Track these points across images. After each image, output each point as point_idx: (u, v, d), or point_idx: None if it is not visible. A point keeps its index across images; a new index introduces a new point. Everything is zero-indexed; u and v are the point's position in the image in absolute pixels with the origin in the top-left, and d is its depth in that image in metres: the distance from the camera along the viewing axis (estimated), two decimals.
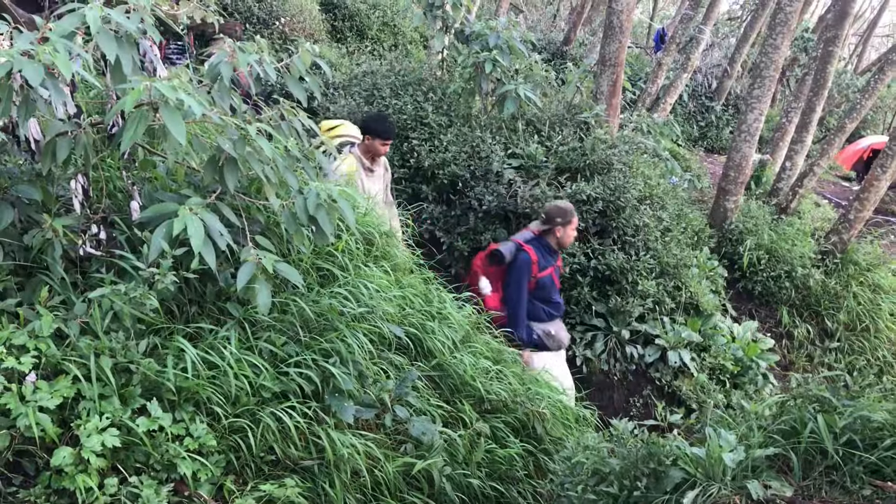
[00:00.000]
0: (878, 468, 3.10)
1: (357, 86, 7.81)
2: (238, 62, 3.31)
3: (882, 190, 8.21)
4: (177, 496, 2.87)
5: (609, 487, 3.34)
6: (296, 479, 3.17)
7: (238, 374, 3.17)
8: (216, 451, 3.04)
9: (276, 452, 3.22)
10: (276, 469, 3.26)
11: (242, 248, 3.26)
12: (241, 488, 3.09)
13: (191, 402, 3.07)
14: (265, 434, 3.18)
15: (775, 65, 8.07)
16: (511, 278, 5.44)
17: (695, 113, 16.47)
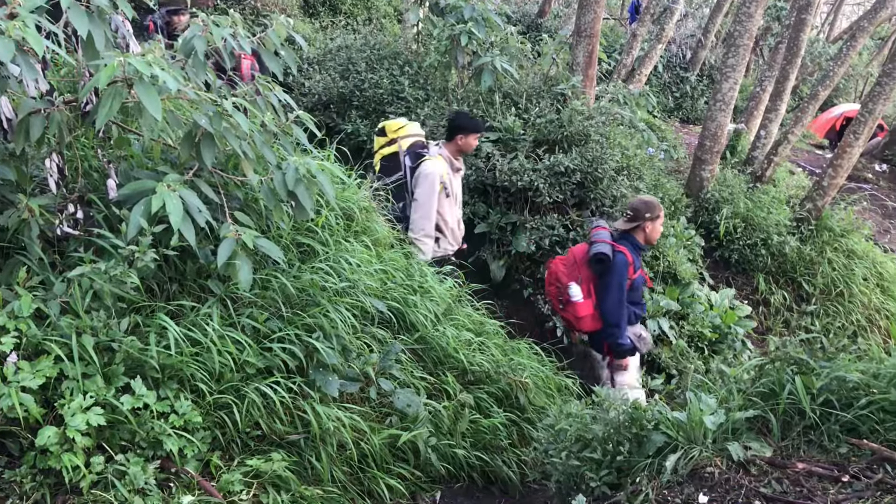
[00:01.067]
0: (854, 426, 3.17)
1: (332, 61, 7.74)
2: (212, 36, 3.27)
3: (855, 157, 8.30)
4: (163, 473, 2.88)
5: (592, 453, 3.38)
6: (282, 454, 3.20)
7: (221, 350, 3.17)
8: (202, 428, 3.05)
9: (262, 427, 3.24)
10: (263, 444, 3.27)
11: (221, 224, 3.25)
12: (228, 464, 3.11)
13: (175, 379, 3.07)
14: (250, 409, 3.19)
15: (749, 33, 8.09)
16: (611, 281, 4.92)
17: (670, 84, 16.50)
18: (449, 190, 5.44)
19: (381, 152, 5.59)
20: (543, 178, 6.28)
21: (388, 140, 5.55)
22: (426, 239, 5.26)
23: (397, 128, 5.57)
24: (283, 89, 3.67)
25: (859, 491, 2.81)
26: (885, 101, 7.90)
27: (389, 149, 5.54)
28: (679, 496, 2.96)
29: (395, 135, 5.52)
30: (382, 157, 5.58)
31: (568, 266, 5.15)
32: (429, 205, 5.26)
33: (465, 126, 5.44)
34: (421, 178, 5.27)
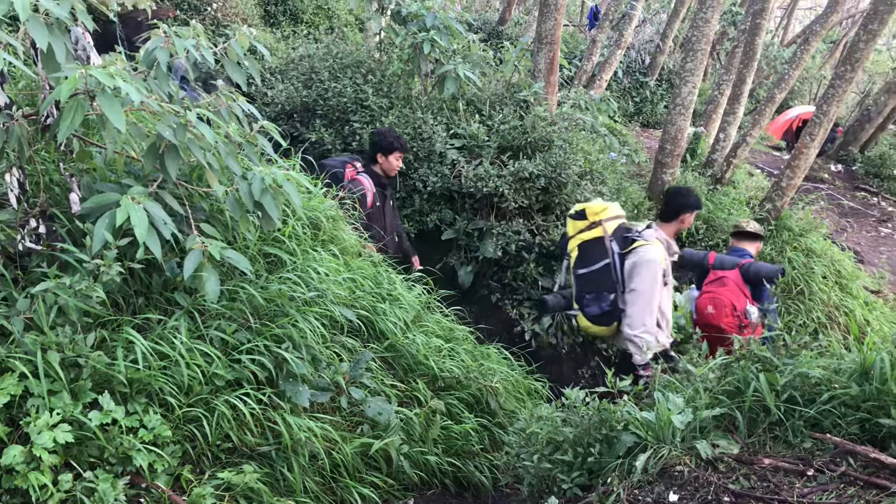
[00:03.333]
0: (818, 421, 3.24)
1: (294, 70, 7.70)
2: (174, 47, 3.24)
3: (811, 158, 8.48)
4: (133, 489, 2.84)
5: (564, 455, 3.41)
6: (254, 466, 3.18)
7: (190, 363, 3.14)
8: (171, 442, 3.02)
9: (233, 440, 3.21)
10: (234, 456, 3.25)
11: (187, 236, 3.22)
12: (199, 477, 3.08)
13: (143, 393, 3.03)
14: (220, 422, 3.17)
15: (706, 38, 8.24)
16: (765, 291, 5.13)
17: (629, 89, 16.72)
18: (667, 278, 4.85)
19: (581, 237, 4.86)
20: (508, 184, 6.32)
21: (588, 224, 4.85)
22: (647, 336, 4.62)
23: (600, 209, 4.89)
24: (246, 99, 3.66)
25: (824, 484, 2.87)
26: (838, 102, 8.09)
27: (591, 233, 4.83)
28: (650, 495, 3.00)
29: (597, 217, 4.84)
30: (582, 243, 4.85)
31: (734, 292, 5.12)
32: (650, 295, 4.63)
33: (692, 203, 4.99)
34: (641, 266, 4.64)
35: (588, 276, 4.77)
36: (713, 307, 5.16)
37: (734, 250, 5.58)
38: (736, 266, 5.25)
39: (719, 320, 5.12)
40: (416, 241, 6.70)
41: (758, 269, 5.12)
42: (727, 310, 5.07)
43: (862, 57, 7.91)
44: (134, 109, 3.29)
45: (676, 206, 4.93)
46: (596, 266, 4.78)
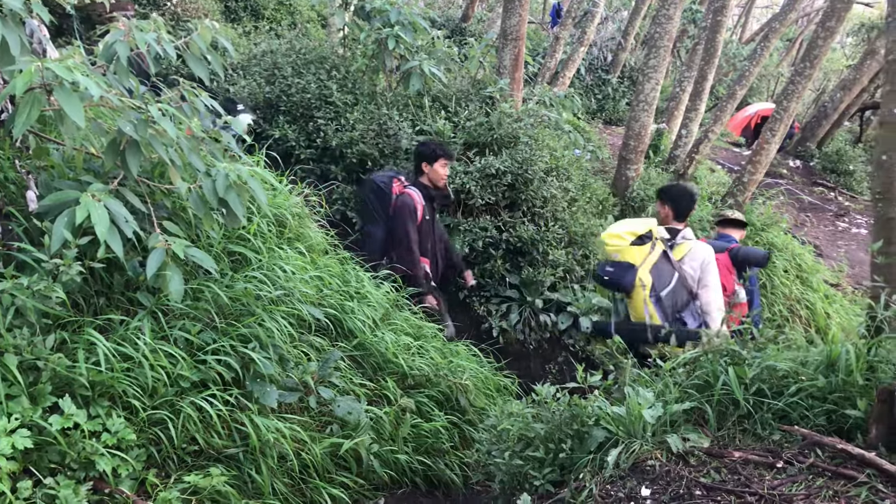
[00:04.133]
0: (786, 413, 3.27)
1: (257, 66, 7.58)
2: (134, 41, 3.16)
3: (772, 153, 8.61)
4: (97, 494, 2.76)
5: (535, 452, 3.40)
6: (221, 468, 3.11)
7: (154, 364, 3.07)
8: (136, 446, 2.95)
9: (199, 442, 3.15)
10: (200, 459, 3.18)
11: (150, 234, 3.14)
12: (165, 481, 3.01)
13: (106, 396, 2.96)
14: (186, 424, 3.10)
15: (669, 35, 8.31)
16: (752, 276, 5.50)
17: (592, 86, 16.83)
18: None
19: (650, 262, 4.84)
20: (475, 181, 6.30)
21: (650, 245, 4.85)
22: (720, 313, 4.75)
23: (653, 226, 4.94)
24: (209, 95, 3.58)
25: (793, 476, 2.90)
26: (798, 98, 8.23)
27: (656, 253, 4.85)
28: (622, 490, 3.00)
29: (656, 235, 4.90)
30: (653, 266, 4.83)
31: (723, 275, 5.19)
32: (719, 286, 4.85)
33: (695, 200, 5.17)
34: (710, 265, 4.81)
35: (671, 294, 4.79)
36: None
37: (721, 237, 5.80)
38: (725, 250, 5.47)
39: None
40: None
41: (746, 254, 5.37)
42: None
43: (820, 54, 8.05)
44: (93, 105, 3.19)
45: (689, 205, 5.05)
46: (673, 282, 4.82)
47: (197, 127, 3.39)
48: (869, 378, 3.20)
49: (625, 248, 4.86)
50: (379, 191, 5.35)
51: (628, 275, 4.83)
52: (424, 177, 5.51)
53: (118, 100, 3.06)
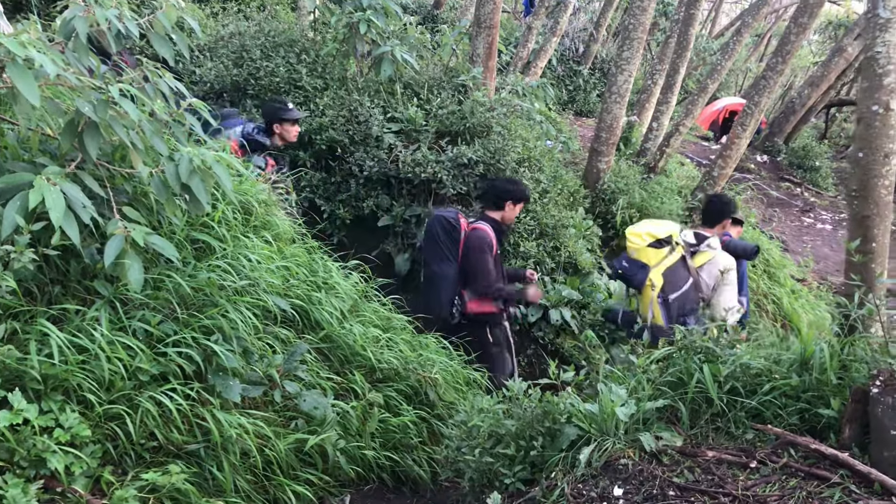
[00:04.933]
0: (759, 412, 3.24)
1: (224, 48, 7.40)
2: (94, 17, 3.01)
3: (742, 148, 8.64)
4: (48, 493, 2.64)
5: (506, 449, 3.33)
6: (181, 465, 3.01)
7: (111, 357, 2.94)
8: (91, 442, 2.82)
9: (158, 438, 3.03)
10: (159, 455, 3.06)
11: (108, 220, 3.00)
12: (121, 479, 2.89)
13: (59, 390, 2.82)
14: (145, 419, 2.98)
15: (643, 27, 8.26)
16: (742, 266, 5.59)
17: (563, 77, 16.78)
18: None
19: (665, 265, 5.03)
20: (447, 170, 6.21)
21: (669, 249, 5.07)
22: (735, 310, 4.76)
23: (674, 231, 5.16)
24: (174, 77, 3.43)
25: (766, 476, 2.87)
26: (769, 93, 8.25)
27: (674, 257, 5.05)
28: (594, 489, 2.95)
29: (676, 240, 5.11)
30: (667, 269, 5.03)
31: None
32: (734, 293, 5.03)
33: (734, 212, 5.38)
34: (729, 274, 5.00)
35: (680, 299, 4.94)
36: None
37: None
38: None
39: None
40: (352, 227, 6.54)
41: (735, 246, 5.45)
42: None
43: (792, 49, 8.07)
44: (49, 83, 3.04)
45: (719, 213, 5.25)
46: (685, 287, 4.98)
47: (161, 109, 3.25)
48: (842, 377, 3.18)
49: (642, 247, 5.09)
50: (450, 227, 5.15)
51: (640, 274, 5.07)
52: (500, 213, 5.33)
53: (76, 79, 2.92)
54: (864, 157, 3.47)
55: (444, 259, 5.14)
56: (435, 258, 5.18)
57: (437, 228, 5.16)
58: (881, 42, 3.40)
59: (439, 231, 5.14)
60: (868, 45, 3.48)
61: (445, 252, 5.12)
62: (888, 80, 3.39)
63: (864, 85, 3.48)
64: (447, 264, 5.13)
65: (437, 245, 5.14)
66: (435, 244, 5.16)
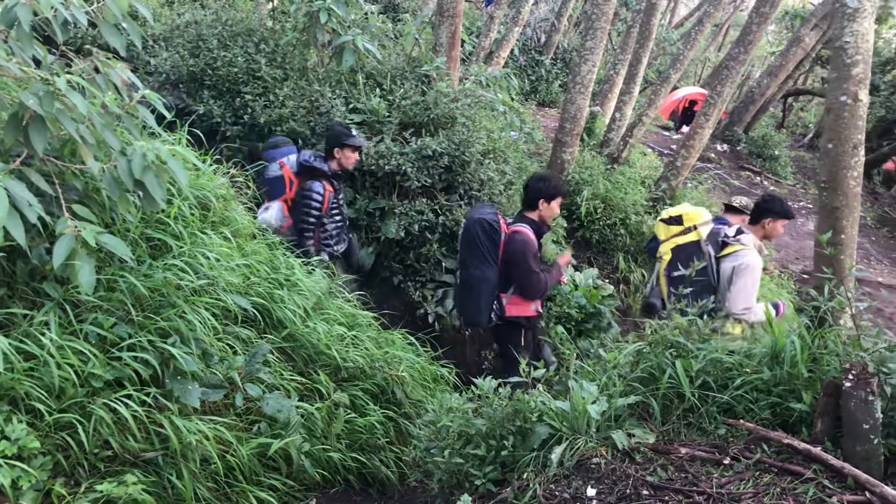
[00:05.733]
0: (731, 406, 3.21)
1: (180, 37, 7.17)
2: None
3: (706, 138, 8.65)
4: None
5: (476, 449, 3.26)
6: (137, 474, 2.89)
7: (61, 363, 2.81)
8: (40, 453, 2.69)
9: (113, 447, 2.90)
10: (114, 465, 2.93)
11: (57, 219, 2.85)
12: (74, 490, 2.76)
13: (5, 399, 2.68)
14: (98, 428, 2.86)
15: (606, 17, 8.23)
16: None
17: (525, 67, 16.72)
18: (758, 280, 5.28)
19: (675, 241, 5.27)
20: (411, 162, 6.10)
21: (683, 228, 5.25)
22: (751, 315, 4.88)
23: (696, 215, 5.28)
24: (126, 67, 3.28)
25: (740, 472, 2.84)
26: (731, 83, 8.27)
27: (686, 237, 5.22)
28: (567, 490, 2.89)
29: (692, 222, 5.23)
30: (676, 247, 5.25)
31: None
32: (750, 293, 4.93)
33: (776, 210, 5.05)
34: (744, 270, 4.90)
35: (683, 277, 5.02)
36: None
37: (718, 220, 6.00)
38: None
39: None
40: None
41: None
42: None
43: (754, 39, 8.09)
44: None
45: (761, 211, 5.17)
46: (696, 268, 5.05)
47: (112, 101, 3.10)
48: (813, 370, 3.17)
49: (658, 223, 5.49)
50: (491, 229, 5.03)
51: (651, 244, 5.59)
52: (536, 213, 5.22)
53: (20, 69, 2.76)
54: (833, 148, 3.45)
55: (484, 262, 5.03)
56: (474, 261, 5.06)
57: (476, 230, 5.03)
58: (849, 32, 3.37)
59: (479, 233, 5.02)
60: (836, 35, 3.45)
61: (486, 255, 5.02)
62: (856, 70, 3.37)
63: (833, 75, 3.45)
64: (487, 268, 5.03)
65: (477, 248, 5.03)
66: (474, 247, 5.05)
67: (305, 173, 5.44)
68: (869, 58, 3.40)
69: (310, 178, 5.41)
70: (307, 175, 5.44)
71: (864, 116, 3.41)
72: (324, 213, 5.41)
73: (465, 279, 5.15)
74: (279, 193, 5.47)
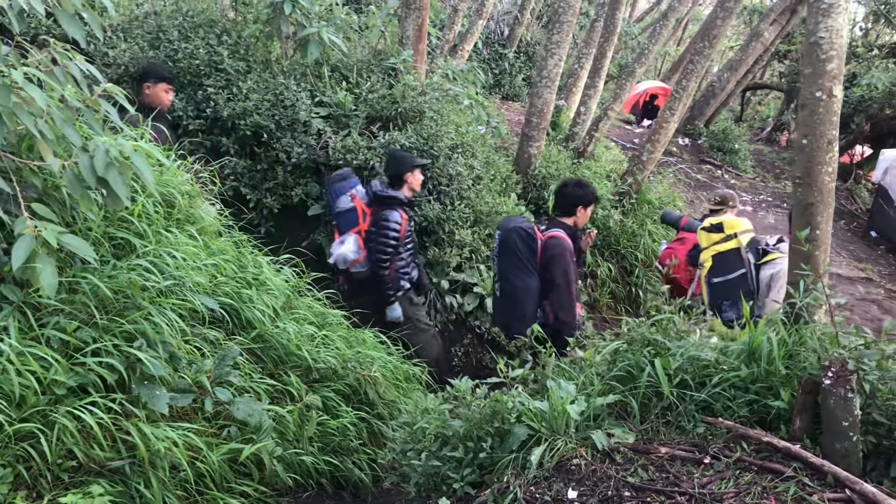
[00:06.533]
0: (709, 404, 3.20)
1: (139, 28, 6.96)
2: None
3: (671, 132, 8.70)
4: None
5: (453, 451, 3.20)
6: (104, 485, 2.77)
7: (22, 370, 2.67)
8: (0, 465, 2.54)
9: (78, 457, 2.77)
10: (79, 475, 2.81)
11: (16, 218, 2.72)
12: (36, 503, 2.62)
13: None
14: (62, 437, 2.73)
15: (573, 10, 8.20)
16: None
17: (489, 60, 16.65)
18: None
19: (715, 248, 5.64)
20: (379, 157, 6.01)
21: (724, 236, 5.62)
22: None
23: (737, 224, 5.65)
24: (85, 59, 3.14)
25: (720, 472, 2.83)
26: (696, 77, 8.31)
27: (726, 245, 5.58)
28: (548, 492, 2.84)
29: (733, 230, 5.59)
30: (717, 254, 5.62)
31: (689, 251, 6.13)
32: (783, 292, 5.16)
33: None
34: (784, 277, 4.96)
35: (724, 284, 5.44)
36: (670, 261, 6.25)
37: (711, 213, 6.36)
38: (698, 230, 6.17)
39: (675, 272, 6.18)
40: (281, 217, 6.28)
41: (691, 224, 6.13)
42: (682, 264, 6.13)
43: (719, 33, 8.14)
44: None
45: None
46: (732, 275, 5.47)
47: (72, 95, 2.96)
48: (790, 367, 3.16)
49: (700, 231, 5.82)
50: (529, 238, 5.02)
51: (693, 252, 5.97)
52: (572, 219, 5.24)
53: None
54: (808, 144, 3.44)
55: (525, 272, 5.01)
56: (516, 271, 5.04)
57: (514, 240, 5.00)
58: (824, 28, 3.37)
59: (518, 243, 4.99)
60: (811, 30, 3.44)
61: (526, 264, 5.00)
62: (831, 65, 3.37)
63: (808, 71, 3.44)
64: (530, 276, 5.01)
65: (518, 258, 5.01)
66: (514, 257, 5.03)
67: (380, 203, 5.38)
68: (843, 53, 3.41)
69: (386, 208, 5.34)
70: (382, 205, 5.38)
71: (838, 112, 3.41)
72: (400, 240, 5.38)
73: (507, 291, 5.10)
74: (352, 225, 5.44)
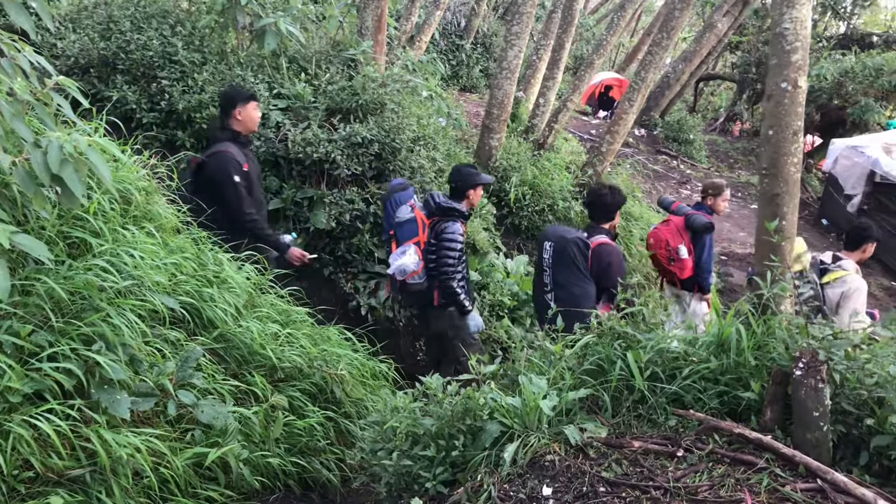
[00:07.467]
0: (679, 397, 3.19)
1: (89, 18, 6.75)
2: None
3: (630, 123, 8.74)
4: None
5: (425, 450, 3.15)
6: (63, 495, 2.66)
7: None
8: None
9: (35, 466, 2.65)
10: (37, 486, 2.70)
11: None
12: None
13: None
14: (18, 446, 2.61)
15: (532, 1, 8.17)
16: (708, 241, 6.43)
17: (446, 51, 16.58)
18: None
19: None
20: (340, 150, 5.91)
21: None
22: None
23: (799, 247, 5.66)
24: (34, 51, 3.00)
25: (694, 465, 2.82)
26: (655, 69, 8.36)
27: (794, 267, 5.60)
28: (522, 490, 2.81)
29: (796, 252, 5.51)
30: None
31: (672, 233, 6.37)
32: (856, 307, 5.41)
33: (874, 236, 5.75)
34: (854, 294, 5.43)
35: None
36: (654, 240, 6.55)
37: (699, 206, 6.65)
38: (684, 214, 6.46)
39: (655, 250, 6.52)
40: None
41: (693, 220, 6.31)
42: (662, 243, 6.44)
43: (677, 25, 8.19)
44: None
45: (859, 238, 5.78)
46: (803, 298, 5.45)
47: (21, 88, 2.83)
48: (759, 358, 3.17)
49: None
50: (585, 246, 5.23)
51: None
52: (609, 224, 5.49)
53: None
54: (774, 135, 3.46)
55: (583, 279, 5.21)
56: (574, 280, 5.23)
57: (573, 251, 5.20)
58: (789, 19, 3.38)
59: (577, 253, 5.20)
60: (775, 21, 3.46)
61: (584, 272, 5.21)
62: (796, 56, 3.38)
63: (773, 62, 3.46)
64: (588, 284, 5.22)
65: (576, 267, 5.21)
66: (573, 266, 5.22)
67: (443, 214, 5.31)
68: (807, 44, 3.43)
69: (448, 220, 5.28)
70: (445, 216, 5.30)
71: (803, 103, 3.44)
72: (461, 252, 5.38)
73: (564, 299, 5.14)
74: (411, 236, 5.34)
